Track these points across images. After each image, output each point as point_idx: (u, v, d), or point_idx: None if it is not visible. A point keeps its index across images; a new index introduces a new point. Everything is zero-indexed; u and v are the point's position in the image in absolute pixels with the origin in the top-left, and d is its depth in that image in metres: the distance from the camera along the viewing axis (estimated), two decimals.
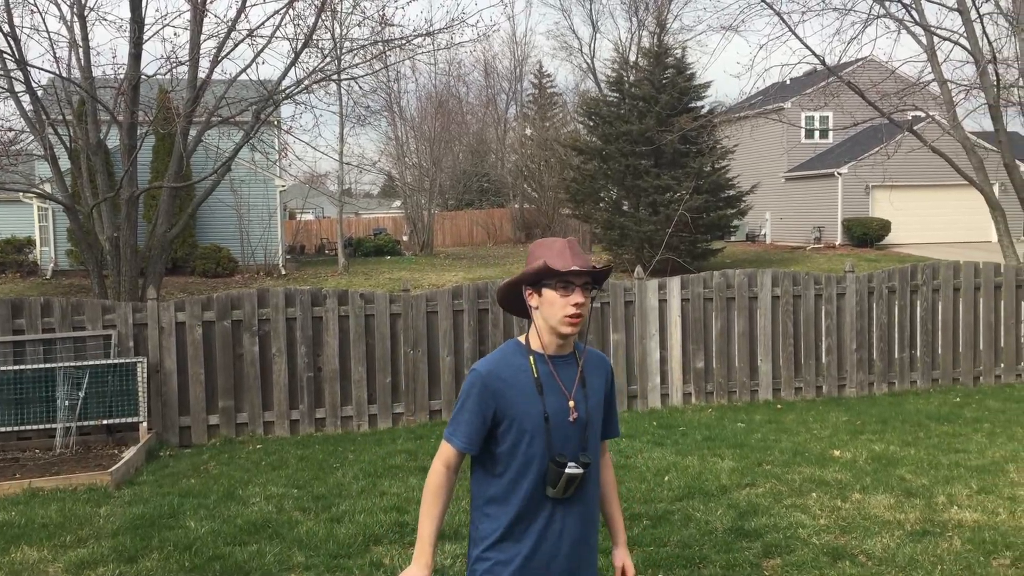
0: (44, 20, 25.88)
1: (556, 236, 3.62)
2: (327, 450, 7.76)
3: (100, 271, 12.80)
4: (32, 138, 13.68)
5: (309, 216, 44.07)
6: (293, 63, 12.91)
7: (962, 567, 4.81)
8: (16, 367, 7.65)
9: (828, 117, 32.68)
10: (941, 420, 8.24)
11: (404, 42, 13.85)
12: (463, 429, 2.61)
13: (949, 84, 15.00)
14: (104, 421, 7.78)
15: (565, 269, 2.58)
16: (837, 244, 31.79)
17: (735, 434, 7.85)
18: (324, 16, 13.20)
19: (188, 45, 12.28)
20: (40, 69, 16.53)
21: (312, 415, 8.52)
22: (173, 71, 12.48)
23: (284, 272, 28.12)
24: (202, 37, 12.38)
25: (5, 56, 11.89)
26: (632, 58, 34.80)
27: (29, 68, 11.96)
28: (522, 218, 43.90)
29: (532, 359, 2.64)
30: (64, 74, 12.51)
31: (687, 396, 9.29)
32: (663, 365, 9.22)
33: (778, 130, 30.12)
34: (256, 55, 12.71)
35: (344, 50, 14.25)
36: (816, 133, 34.97)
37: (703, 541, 5.26)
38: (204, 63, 12.49)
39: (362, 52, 13.90)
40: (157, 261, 12.83)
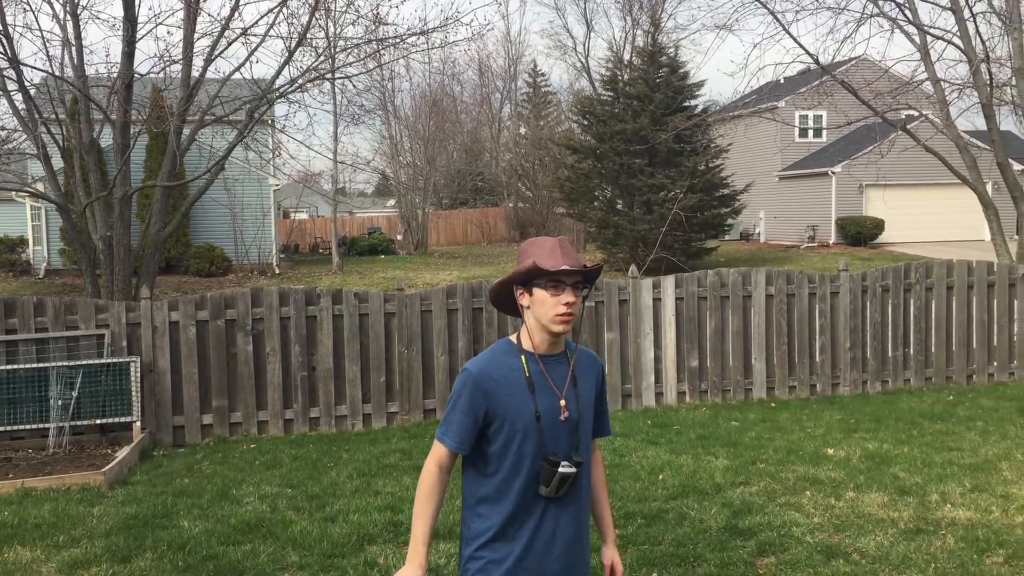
0: (37, 18, 26.01)
1: (550, 235, 3.62)
2: (321, 449, 7.75)
3: (93, 270, 12.75)
4: (25, 137, 13.63)
5: (303, 215, 43.98)
6: (287, 62, 12.88)
7: (955, 565, 4.83)
8: (9, 367, 7.62)
9: (822, 116, 32.73)
10: (934, 418, 8.25)
11: (398, 41, 13.84)
12: (455, 429, 2.61)
13: (942, 83, 15.05)
14: (97, 421, 7.76)
15: (555, 269, 2.57)
16: (831, 243, 31.86)
17: (729, 433, 7.86)
18: (318, 15, 13.18)
19: (181, 44, 12.25)
20: (33, 68, 16.56)
21: (306, 414, 8.51)
22: (166, 70, 12.48)
23: (278, 271, 28.07)
24: (196, 36, 12.35)
25: None
26: (626, 57, 34.77)
27: (22, 66, 11.90)
28: (516, 217, 43.87)
29: (523, 358, 2.64)
30: (57, 73, 12.49)
31: (681, 395, 9.30)
32: (657, 364, 9.23)
33: (772, 129, 30.16)
34: (250, 54, 12.67)
35: (338, 49, 14.25)
36: (810, 132, 35.01)
37: (697, 540, 5.26)
38: (198, 62, 12.46)
39: (356, 51, 13.89)
40: (150, 260, 12.79)
